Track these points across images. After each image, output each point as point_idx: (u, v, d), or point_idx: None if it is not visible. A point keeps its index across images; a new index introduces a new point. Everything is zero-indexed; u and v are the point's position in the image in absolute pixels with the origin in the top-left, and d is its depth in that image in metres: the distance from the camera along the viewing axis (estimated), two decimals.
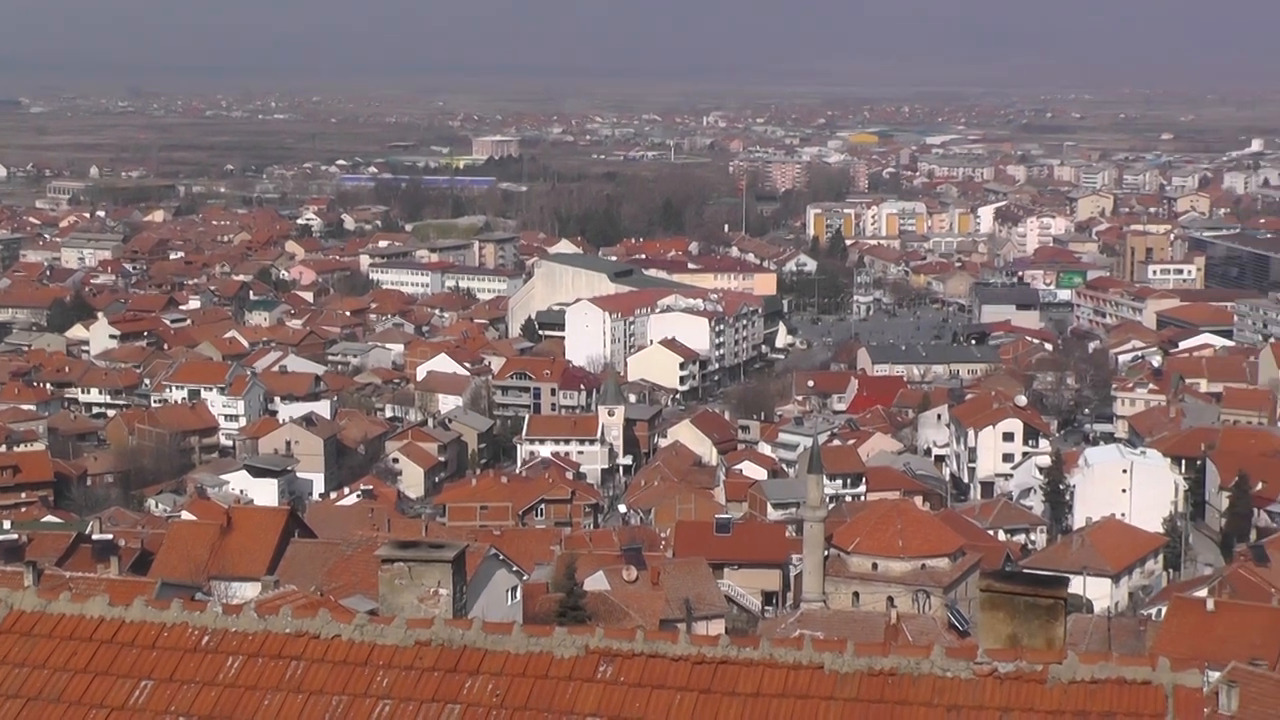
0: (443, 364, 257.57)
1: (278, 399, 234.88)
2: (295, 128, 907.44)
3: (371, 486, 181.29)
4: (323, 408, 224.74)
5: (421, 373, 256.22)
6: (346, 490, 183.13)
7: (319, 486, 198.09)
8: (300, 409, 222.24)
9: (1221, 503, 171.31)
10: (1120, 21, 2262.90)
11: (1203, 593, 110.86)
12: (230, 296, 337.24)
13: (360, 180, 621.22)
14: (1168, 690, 18.58)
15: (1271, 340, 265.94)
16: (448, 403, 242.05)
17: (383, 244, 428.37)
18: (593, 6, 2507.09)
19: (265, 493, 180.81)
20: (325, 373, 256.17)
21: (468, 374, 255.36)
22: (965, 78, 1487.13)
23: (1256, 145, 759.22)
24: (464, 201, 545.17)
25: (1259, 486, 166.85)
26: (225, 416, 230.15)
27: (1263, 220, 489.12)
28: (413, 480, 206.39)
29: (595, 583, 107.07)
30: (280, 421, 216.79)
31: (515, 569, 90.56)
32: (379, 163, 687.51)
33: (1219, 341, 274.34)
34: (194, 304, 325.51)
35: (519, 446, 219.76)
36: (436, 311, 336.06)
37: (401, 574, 23.38)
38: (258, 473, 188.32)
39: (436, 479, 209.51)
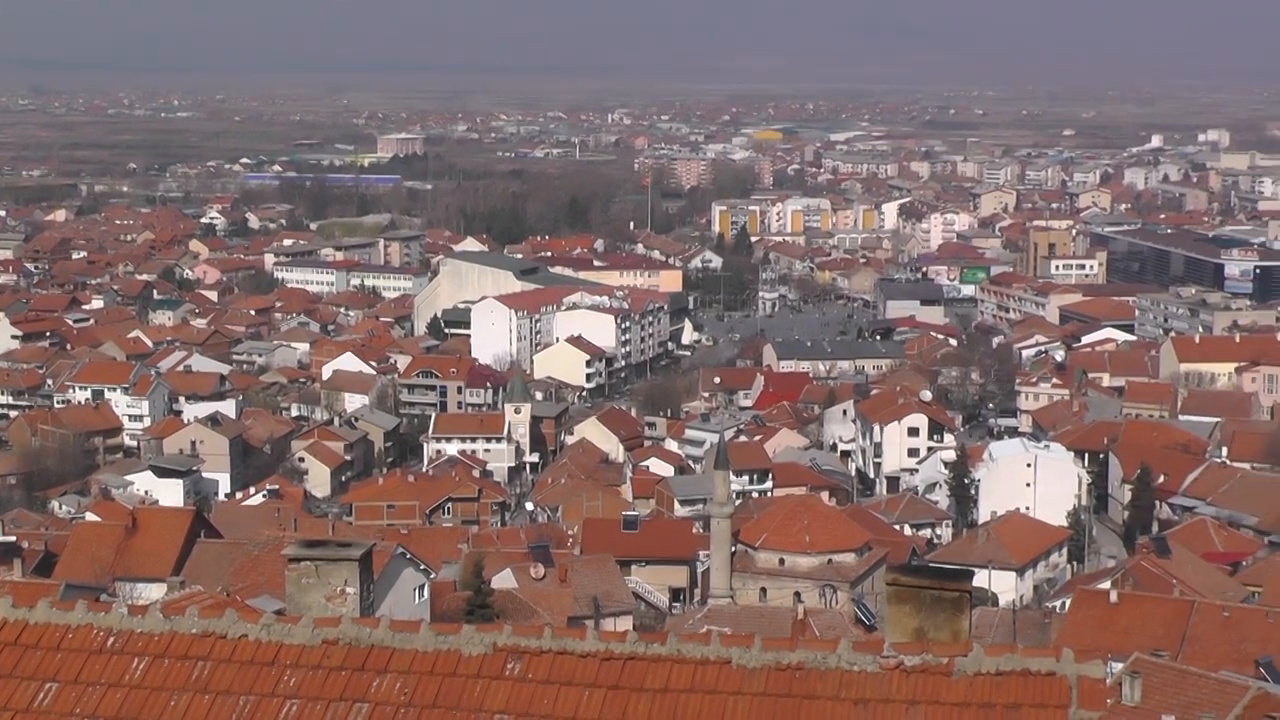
0: (348, 363, 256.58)
1: (182, 399, 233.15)
2: (199, 126, 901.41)
3: (278, 486, 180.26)
4: (228, 407, 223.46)
5: (327, 371, 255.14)
6: (252, 490, 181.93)
7: (225, 486, 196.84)
8: (205, 409, 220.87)
9: (1124, 495, 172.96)
10: (1023, 18, 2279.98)
11: (1106, 585, 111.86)
12: (134, 296, 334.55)
13: (265, 179, 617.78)
14: (1071, 681, 18.77)
15: (1172, 334, 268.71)
16: (354, 401, 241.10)
17: (287, 242, 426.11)
18: (496, 4, 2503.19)
19: (170, 493, 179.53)
20: (230, 372, 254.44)
21: (374, 373, 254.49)
22: (869, 75, 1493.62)
23: (1156, 141, 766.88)
24: (369, 200, 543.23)
25: (1161, 479, 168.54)
26: (129, 417, 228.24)
27: (1163, 215, 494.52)
28: (319, 479, 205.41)
29: (503, 581, 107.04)
30: (185, 421, 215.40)
31: (423, 567, 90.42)
32: (283, 161, 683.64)
33: (1121, 336, 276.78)
34: (97, 304, 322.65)
35: (425, 445, 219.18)
36: (342, 310, 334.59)
37: (308, 573, 23.30)
38: (163, 473, 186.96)
39: (343, 478, 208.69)
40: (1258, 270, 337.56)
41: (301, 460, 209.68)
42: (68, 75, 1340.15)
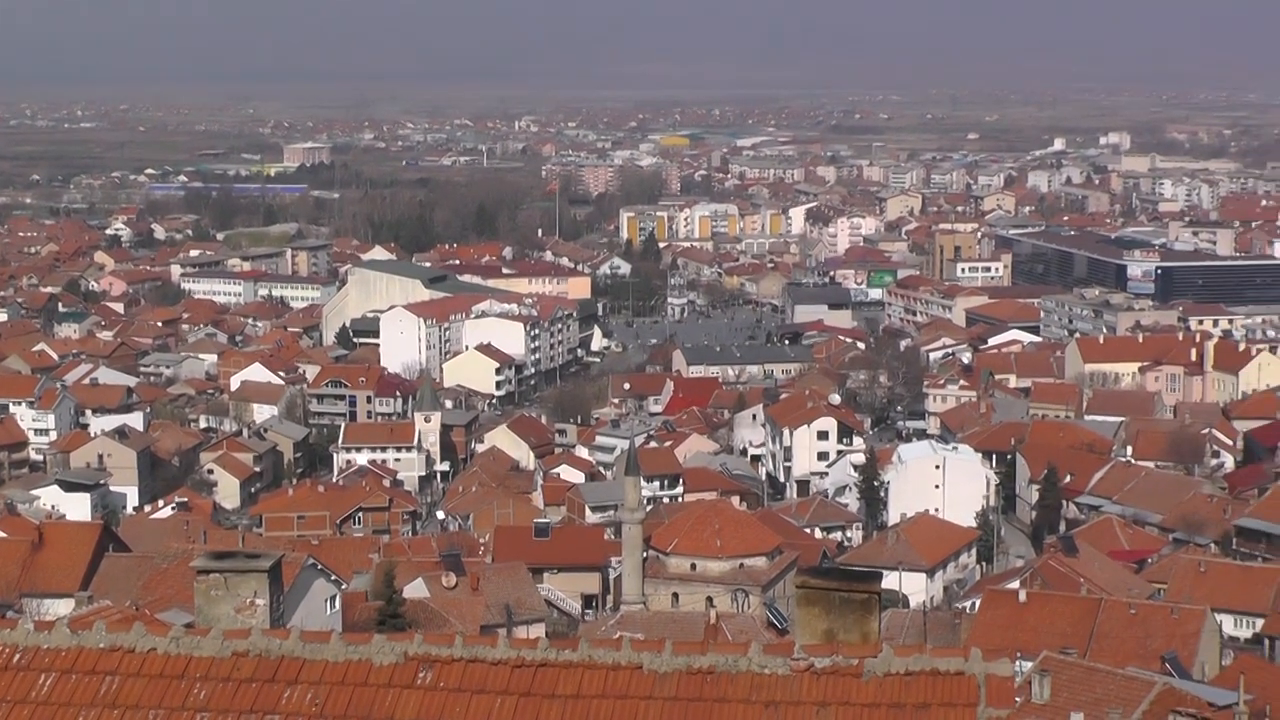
0: (257, 373, 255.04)
1: (89, 412, 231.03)
2: (103, 136, 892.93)
3: (186, 499, 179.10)
4: (135, 420, 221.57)
5: (235, 382, 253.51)
6: (161, 503, 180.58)
7: (133, 500, 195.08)
8: (112, 421, 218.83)
9: (1031, 495, 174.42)
10: (926, 23, 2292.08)
11: (1015, 584, 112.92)
12: (39, 308, 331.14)
13: (170, 189, 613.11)
14: (980, 680, 18.95)
15: (1077, 335, 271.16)
16: (263, 412, 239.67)
17: (194, 253, 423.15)
18: (402, 10, 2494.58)
19: (78, 507, 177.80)
20: (137, 384, 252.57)
21: (282, 383, 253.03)
22: (774, 80, 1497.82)
23: (1059, 144, 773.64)
24: (276, 209, 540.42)
25: (1067, 479, 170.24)
26: (35, 431, 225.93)
27: (1066, 217, 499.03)
28: (228, 491, 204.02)
29: (414, 590, 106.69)
30: (92, 435, 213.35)
31: (334, 578, 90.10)
32: (189, 171, 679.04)
33: (1026, 337, 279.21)
34: (1, 317, 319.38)
35: (335, 455, 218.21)
36: (250, 320, 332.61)
37: (217, 585, 23.19)
38: (69, 487, 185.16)
39: (252, 489, 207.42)
40: (1159, 271, 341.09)
41: (210, 472, 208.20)
42: None
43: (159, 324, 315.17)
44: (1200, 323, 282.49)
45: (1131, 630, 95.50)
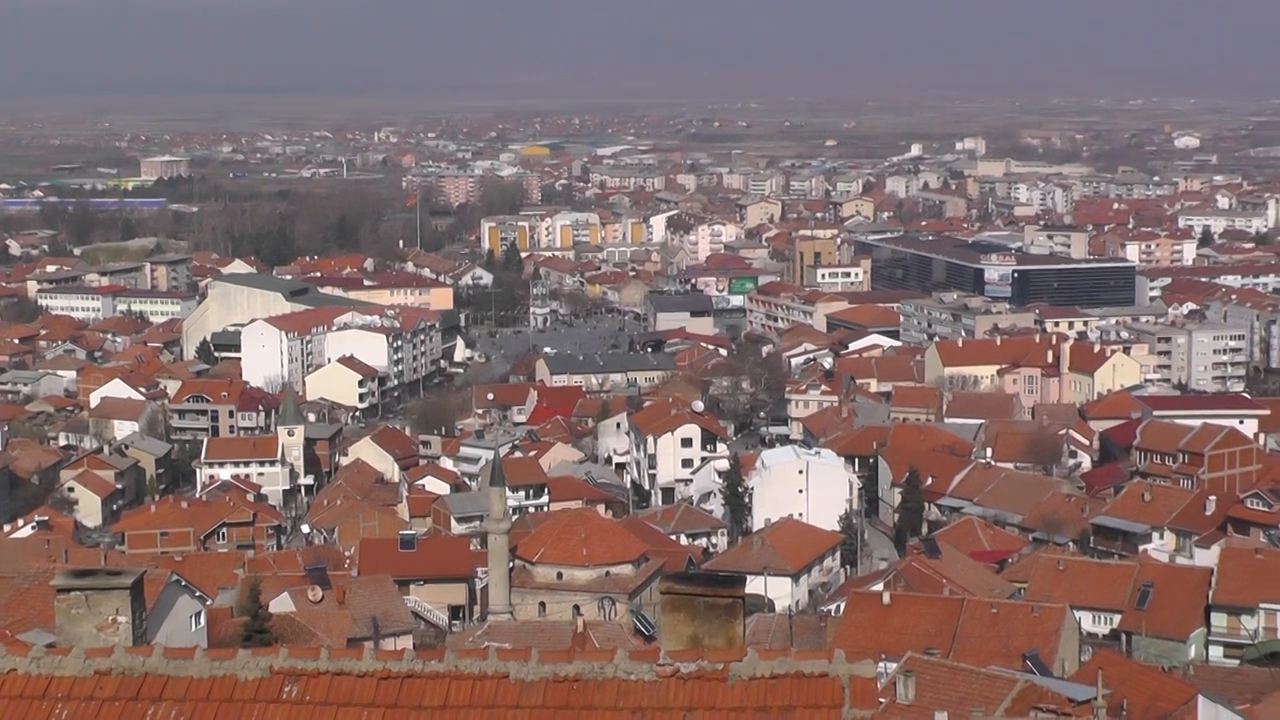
0: (117, 389, 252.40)
1: None
2: None
3: (47, 517, 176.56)
4: None
5: (95, 399, 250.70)
6: (21, 522, 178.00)
7: None
8: None
9: (894, 498, 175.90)
10: (781, 31, 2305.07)
11: (878, 587, 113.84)
12: None
13: (25, 204, 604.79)
14: (844, 681, 19.17)
15: (936, 339, 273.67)
16: (124, 429, 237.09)
17: (51, 269, 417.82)
18: (259, 22, 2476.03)
19: None
20: None
21: (143, 399, 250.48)
22: (634, 89, 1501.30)
23: (916, 150, 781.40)
24: (134, 223, 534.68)
25: (928, 481, 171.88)
26: None
27: (924, 223, 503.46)
28: (90, 509, 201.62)
29: (280, 604, 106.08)
30: None
31: (198, 594, 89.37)
32: (45, 186, 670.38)
33: (887, 342, 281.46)
34: None
35: (198, 470, 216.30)
36: (109, 336, 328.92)
37: (78, 603, 23.01)
38: None
39: (114, 507, 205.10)
40: (1016, 274, 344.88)
41: (71, 490, 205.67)
42: None
43: (16, 341, 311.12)
44: (1056, 325, 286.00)
45: (993, 629, 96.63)
